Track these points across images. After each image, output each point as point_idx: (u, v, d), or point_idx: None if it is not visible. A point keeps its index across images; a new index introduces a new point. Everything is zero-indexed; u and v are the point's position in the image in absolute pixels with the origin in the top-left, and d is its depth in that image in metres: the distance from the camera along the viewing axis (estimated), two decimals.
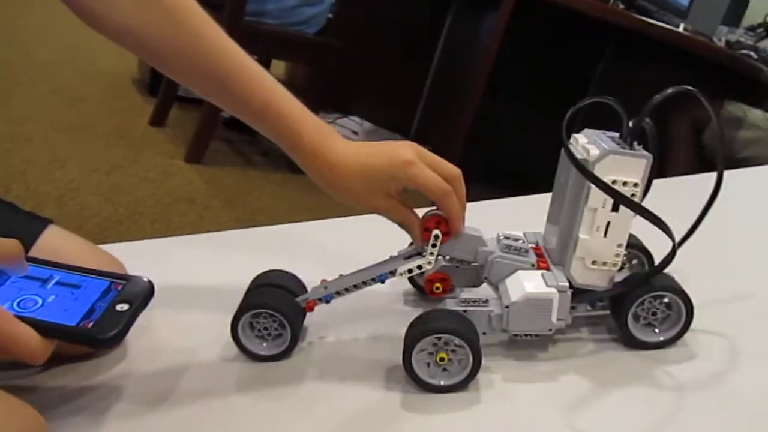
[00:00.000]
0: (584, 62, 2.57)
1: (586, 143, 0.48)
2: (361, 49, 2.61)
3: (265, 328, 0.47)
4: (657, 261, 0.50)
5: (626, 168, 0.45)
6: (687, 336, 0.50)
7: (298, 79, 2.68)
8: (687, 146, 2.29)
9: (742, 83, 2.24)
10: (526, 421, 0.44)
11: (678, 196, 0.80)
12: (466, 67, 2.64)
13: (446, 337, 0.44)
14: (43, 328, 0.36)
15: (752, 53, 2.33)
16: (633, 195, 0.46)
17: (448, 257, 0.51)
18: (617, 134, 0.48)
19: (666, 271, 0.49)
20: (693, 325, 0.49)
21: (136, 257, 0.50)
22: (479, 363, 0.44)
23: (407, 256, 0.50)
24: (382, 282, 0.49)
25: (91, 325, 0.38)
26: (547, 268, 0.49)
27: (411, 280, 0.57)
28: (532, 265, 0.49)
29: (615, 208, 0.46)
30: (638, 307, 0.49)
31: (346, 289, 0.49)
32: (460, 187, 0.49)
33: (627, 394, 0.46)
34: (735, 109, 2.21)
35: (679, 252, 0.48)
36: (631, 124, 0.47)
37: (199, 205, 1.82)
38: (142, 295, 0.41)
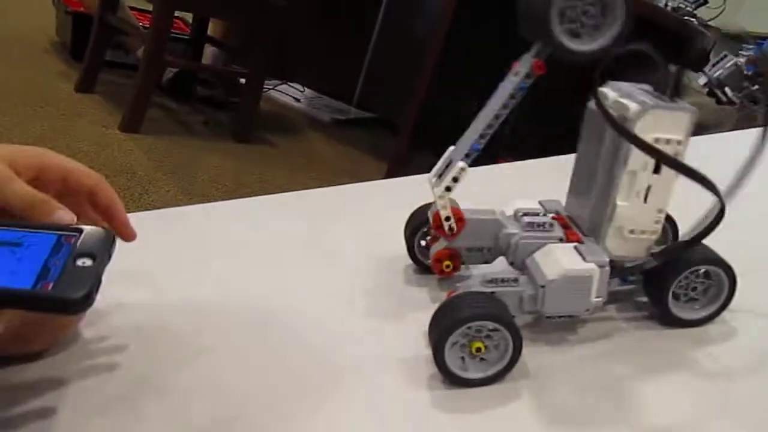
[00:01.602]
0: None
1: (618, 97, 0.43)
2: (302, 10, 2.49)
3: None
4: (681, 229, 0.46)
5: (669, 124, 0.41)
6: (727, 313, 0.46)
7: (236, 41, 2.55)
8: None
9: (686, 50, 2.28)
10: (572, 411, 0.39)
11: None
12: (412, 33, 2.57)
13: (478, 324, 0.39)
14: None
15: (693, 19, 2.38)
16: (676, 154, 0.41)
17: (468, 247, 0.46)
18: (647, 86, 0.43)
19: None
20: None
21: None
22: (520, 346, 0.39)
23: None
24: None
25: (51, 286, 0.30)
26: (579, 241, 0.44)
27: (413, 256, 0.51)
28: (561, 239, 0.44)
29: (657, 170, 0.42)
30: (679, 283, 0.45)
31: None
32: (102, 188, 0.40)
33: (672, 379, 0.42)
34: None
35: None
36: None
37: (142, 178, 1.70)
38: (103, 246, 0.33)
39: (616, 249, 0.44)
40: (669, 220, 0.52)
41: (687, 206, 0.45)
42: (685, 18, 2.29)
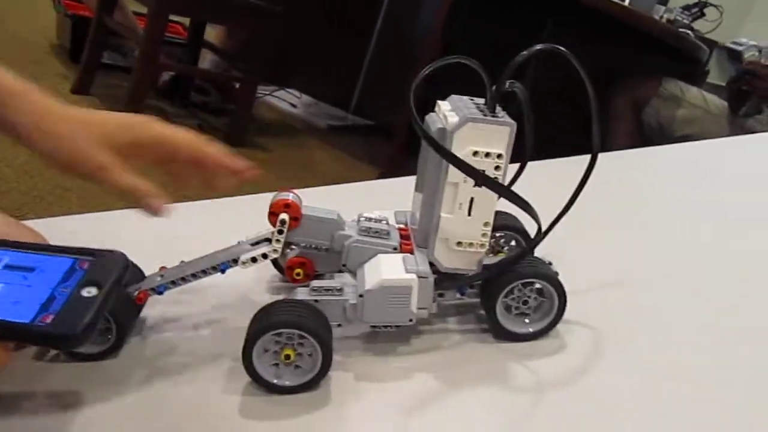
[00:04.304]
0: (526, 35, 2.55)
1: (448, 110, 0.43)
2: (300, 16, 2.50)
3: None
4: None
5: (488, 137, 0.40)
6: (561, 327, 0.46)
7: (233, 47, 2.55)
8: (627, 122, 2.33)
9: (681, 62, 2.29)
10: (371, 425, 0.39)
11: (618, 170, 0.77)
12: (409, 42, 2.58)
13: (287, 332, 0.39)
14: None
15: (689, 32, 2.38)
16: (498, 167, 0.41)
17: (303, 244, 0.45)
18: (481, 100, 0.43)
19: (546, 258, 0.46)
20: (570, 316, 0.45)
21: (59, 234, 0.43)
22: (330, 358, 0.39)
23: (254, 243, 0.44)
24: (223, 272, 0.44)
25: (50, 319, 0.29)
26: (411, 251, 0.44)
27: (275, 263, 0.51)
28: (395, 248, 0.44)
29: (478, 183, 0.41)
30: (508, 294, 0.44)
31: (183, 279, 0.43)
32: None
33: (486, 392, 0.42)
34: (672, 88, 2.26)
35: (564, 236, 0.44)
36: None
37: None
38: (113, 274, 0.33)
39: (446, 261, 0.44)
40: (523, 233, 0.51)
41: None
42: (681, 30, 2.30)
